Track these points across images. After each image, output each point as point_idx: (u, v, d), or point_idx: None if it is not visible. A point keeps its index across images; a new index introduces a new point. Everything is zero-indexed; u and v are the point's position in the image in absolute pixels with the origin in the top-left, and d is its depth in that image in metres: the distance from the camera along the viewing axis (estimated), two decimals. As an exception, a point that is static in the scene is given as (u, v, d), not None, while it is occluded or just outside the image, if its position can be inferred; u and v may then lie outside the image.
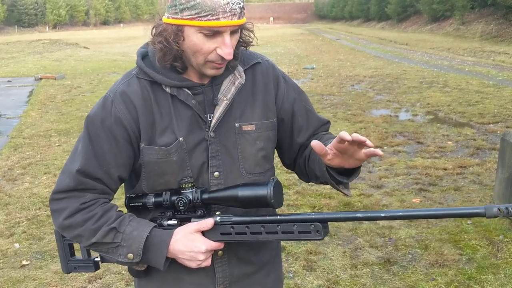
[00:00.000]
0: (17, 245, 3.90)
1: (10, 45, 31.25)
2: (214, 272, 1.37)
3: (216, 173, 1.31)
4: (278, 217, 1.22)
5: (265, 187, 1.20)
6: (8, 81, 14.82)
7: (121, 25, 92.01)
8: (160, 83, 1.27)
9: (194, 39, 1.18)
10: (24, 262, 3.63)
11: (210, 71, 1.25)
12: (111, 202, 1.33)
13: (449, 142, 6.69)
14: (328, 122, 1.49)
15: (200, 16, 1.14)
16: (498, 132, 7.05)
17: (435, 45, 24.99)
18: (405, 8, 45.85)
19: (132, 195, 1.34)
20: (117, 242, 1.24)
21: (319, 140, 1.23)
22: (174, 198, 1.28)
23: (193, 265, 1.26)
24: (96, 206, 1.27)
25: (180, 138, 1.27)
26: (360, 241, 3.81)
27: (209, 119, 1.29)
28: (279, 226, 1.21)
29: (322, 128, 1.47)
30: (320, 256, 3.60)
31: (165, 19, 1.21)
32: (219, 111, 1.29)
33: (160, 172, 1.29)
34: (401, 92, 11.05)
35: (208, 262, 1.27)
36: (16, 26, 69.68)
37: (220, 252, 1.35)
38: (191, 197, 1.27)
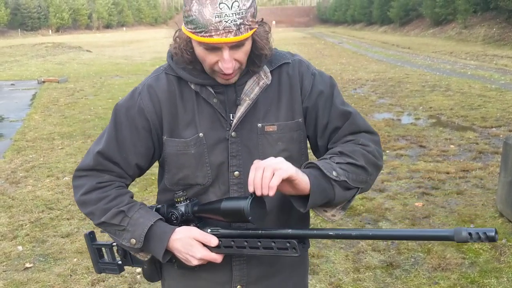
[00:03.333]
0: (20, 247, 3.92)
1: (13, 48, 31.38)
2: (231, 271, 1.38)
3: (236, 173, 1.32)
4: (260, 232, 1.22)
5: (244, 201, 1.17)
6: (12, 84, 14.88)
7: (124, 28, 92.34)
8: (186, 80, 1.32)
9: (198, 51, 1.23)
10: (27, 265, 3.64)
11: (220, 80, 1.27)
12: (127, 188, 1.39)
13: (452, 146, 6.69)
14: (349, 114, 1.34)
15: (196, 32, 1.16)
16: (501, 136, 7.04)
17: (437, 49, 25.00)
18: (407, 12, 45.93)
19: None
20: (123, 226, 1.29)
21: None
22: (169, 210, 1.33)
23: (186, 263, 1.30)
24: (111, 188, 1.34)
25: (200, 134, 1.30)
26: (363, 245, 3.81)
27: (231, 118, 1.31)
28: (260, 242, 1.22)
29: (345, 127, 1.33)
30: (323, 260, 3.60)
31: (182, 26, 1.25)
32: (240, 111, 1.30)
33: (179, 165, 1.33)
34: (403, 96, 11.05)
35: (204, 262, 1.30)
36: (19, 29, 69.96)
37: None
38: (183, 210, 1.31)
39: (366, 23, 62.61)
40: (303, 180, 1.16)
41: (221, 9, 1.12)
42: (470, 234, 0.94)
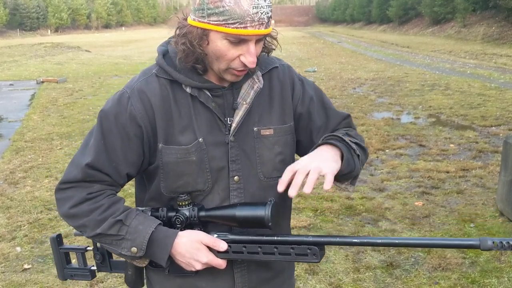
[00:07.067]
0: (18, 248, 3.90)
1: (12, 48, 31.35)
2: (233, 277, 1.36)
3: (236, 177, 1.30)
4: (276, 238, 1.22)
5: (263, 208, 1.19)
6: (10, 84, 14.85)
7: (123, 28, 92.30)
8: (181, 83, 1.27)
9: (219, 45, 1.18)
10: (26, 266, 3.62)
11: (230, 77, 1.24)
12: (117, 195, 1.32)
13: (452, 145, 6.67)
14: (348, 116, 1.44)
15: (228, 23, 1.13)
16: (501, 134, 7.03)
17: (436, 48, 25.00)
18: (406, 10, 45.91)
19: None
20: (122, 235, 1.23)
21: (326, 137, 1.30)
22: (171, 214, 1.28)
23: (187, 268, 1.27)
24: (103, 197, 1.26)
25: (200, 139, 1.26)
26: (363, 245, 3.79)
27: (229, 122, 1.29)
28: (276, 248, 1.21)
29: (342, 124, 1.42)
30: (322, 260, 3.57)
31: (190, 21, 1.20)
32: (239, 115, 1.28)
33: (178, 173, 1.27)
34: (403, 95, 11.04)
35: (208, 266, 1.27)
36: (18, 29, 69.89)
37: None
38: (188, 214, 1.26)
39: (365, 22, 62.59)
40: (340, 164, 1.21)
41: (258, 0, 1.13)
42: (494, 242, 1.04)
